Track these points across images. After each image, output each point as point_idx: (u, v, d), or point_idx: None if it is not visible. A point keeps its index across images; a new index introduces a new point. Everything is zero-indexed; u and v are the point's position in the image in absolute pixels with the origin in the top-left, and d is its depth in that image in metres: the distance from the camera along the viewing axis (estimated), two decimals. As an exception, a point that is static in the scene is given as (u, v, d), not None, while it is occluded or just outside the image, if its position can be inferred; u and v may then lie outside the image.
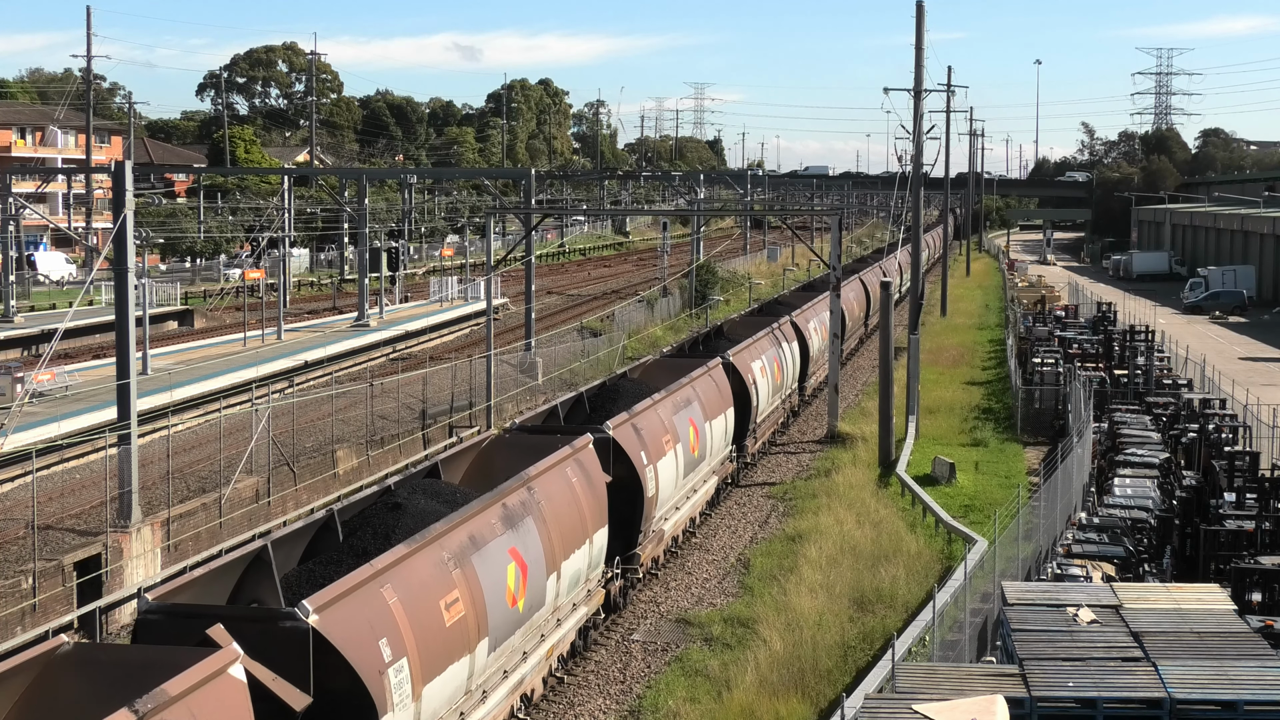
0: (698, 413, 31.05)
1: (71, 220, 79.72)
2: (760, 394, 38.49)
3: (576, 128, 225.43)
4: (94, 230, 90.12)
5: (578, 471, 22.91)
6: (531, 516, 20.46)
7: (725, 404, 34.04)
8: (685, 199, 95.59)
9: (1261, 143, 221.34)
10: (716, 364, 34.95)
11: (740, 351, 37.75)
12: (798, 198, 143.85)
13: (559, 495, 21.83)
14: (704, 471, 31.83)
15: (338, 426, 37.75)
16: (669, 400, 29.37)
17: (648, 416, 27.35)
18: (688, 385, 31.35)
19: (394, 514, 19.03)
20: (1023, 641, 17.63)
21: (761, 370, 39.16)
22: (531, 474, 21.20)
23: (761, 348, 40.38)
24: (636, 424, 26.51)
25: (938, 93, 73.69)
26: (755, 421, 38.18)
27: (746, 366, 37.51)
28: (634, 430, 26.20)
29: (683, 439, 29.22)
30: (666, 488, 27.58)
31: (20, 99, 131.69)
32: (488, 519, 19.24)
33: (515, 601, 19.42)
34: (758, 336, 41.11)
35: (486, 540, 18.80)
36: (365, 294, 63.47)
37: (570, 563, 21.82)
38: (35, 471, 27.14)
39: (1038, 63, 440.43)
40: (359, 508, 19.46)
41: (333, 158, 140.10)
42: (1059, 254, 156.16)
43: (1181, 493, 29.17)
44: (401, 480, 21.11)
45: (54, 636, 15.28)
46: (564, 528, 21.54)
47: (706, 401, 32.13)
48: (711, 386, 33.35)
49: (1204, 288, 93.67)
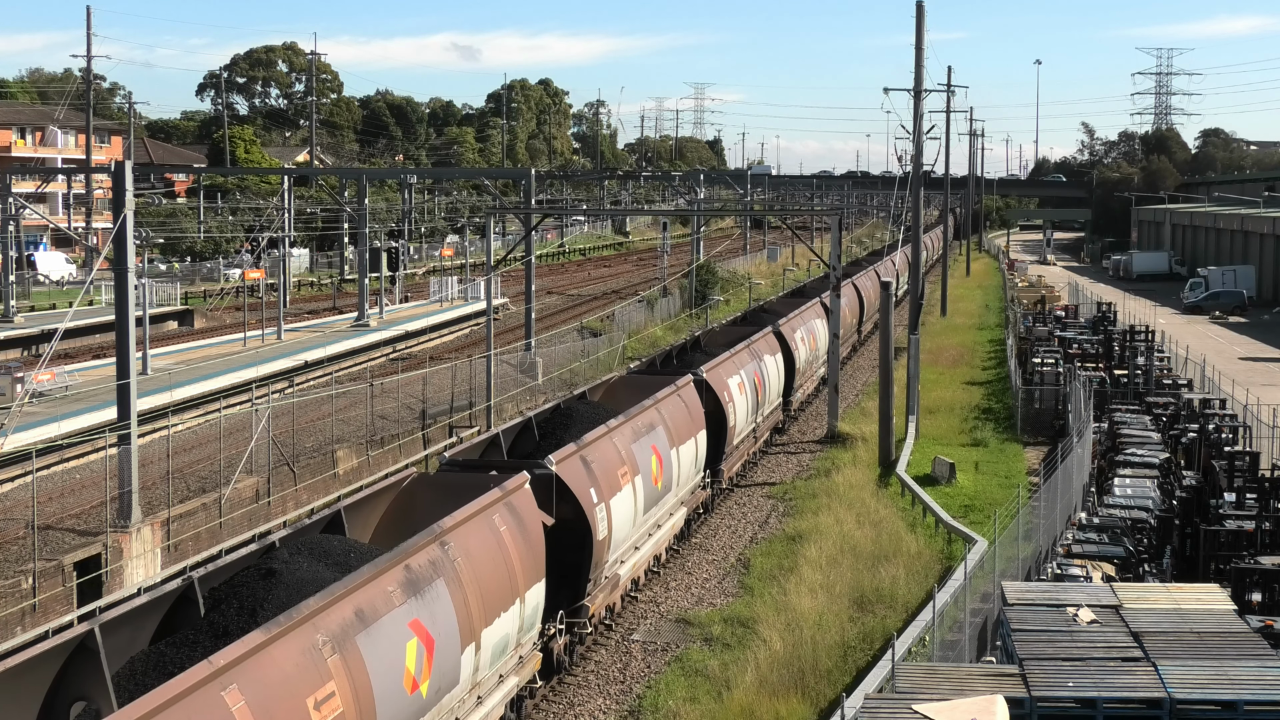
0: (662, 439, 28.18)
1: (71, 220, 79.74)
2: (737, 413, 35.60)
3: (576, 128, 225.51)
4: (94, 230, 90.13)
5: (509, 517, 19.75)
6: (443, 579, 17.19)
7: (696, 426, 31.10)
8: (685, 199, 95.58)
9: (1261, 143, 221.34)
10: (687, 382, 32.04)
11: (716, 367, 34.93)
12: (798, 198, 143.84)
13: (482, 549, 18.64)
14: (670, 504, 28.85)
15: (338, 426, 37.75)
16: (628, 426, 26.45)
17: (601, 447, 24.45)
18: (652, 408, 28.37)
19: (266, 583, 15.82)
20: (1023, 641, 17.63)
21: (740, 387, 36.30)
22: (446, 526, 17.87)
23: (740, 361, 37.67)
24: (587, 456, 23.60)
25: (938, 93, 73.83)
26: (731, 444, 35.15)
27: (722, 383, 34.66)
28: (583, 464, 23.31)
29: (643, 470, 26.29)
30: (622, 527, 24.59)
31: (20, 99, 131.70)
32: (382, 587, 15.88)
33: (417, 686, 16.14)
34: (736, 349, 38.23)
35: (379, 614, 15.50)
36: (365, 294, 63.47)
37: (494, 629, 18.60)
38: (35, 471, 27.14)
39: (1038, 63, 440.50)
40: (230, 572, 16.25)
41: (333, 158, 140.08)
42: (1059, 254, 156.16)
43: (1181, 493, 29.16)
44: (290, 535, 17.74)
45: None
46: (487, 588, 18.37)
47: (674, 425, 29.32)
48: (680, 408, 30.40)
49: (1204, 288, 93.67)
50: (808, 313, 50.87)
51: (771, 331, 43.63)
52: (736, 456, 36.63)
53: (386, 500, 20.35)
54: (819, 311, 52.25)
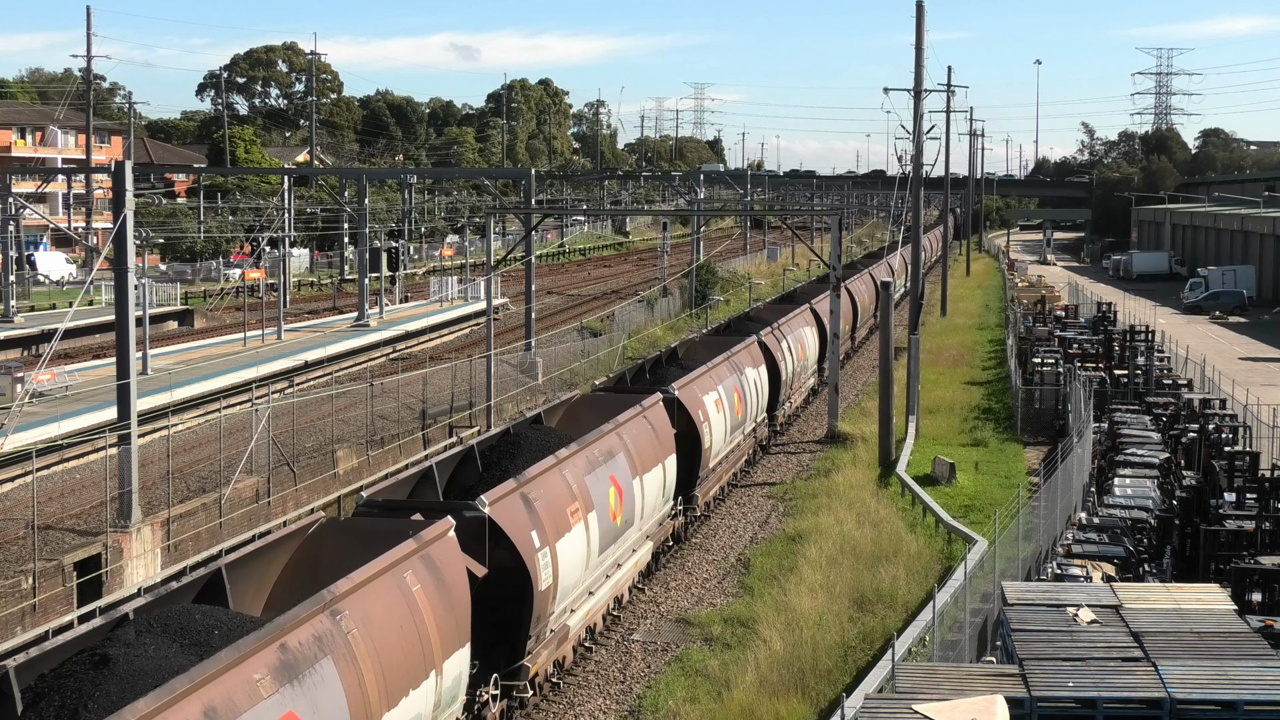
0: (623, 467, 25.37)
1: (71, 220, 79.71)
2: (713, 434, 32.67)
3: (576, 128, 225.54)
4: (94, 230, 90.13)
5: (425, 573, 16.74)
6: (331, 656, 14.17)
7: (664, 451, 28.12)
8: (685, 199, 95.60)
9: (1261, 143, 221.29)
10: (655, 401, 28.88)
11: (690, 383, 31.97)
12: (797, 198, 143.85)
13: (387, 615, 15.60)
14: (632, 539, 25.90)
15: (338, 426, 37.75)
16: (582, 455, 23.63)
17: (547, 481, 21.67)
18: (612, 433, 25.50)
19: (97, 674, 12.90)
20: (1023, 641, 17.63)
21: (716, 404, 33.35)
22: (339, 591, 14.88)
23: (718, 376, 34.78)
24: (529, 493, 20.76)
25: (938, 93, 73.80)
26: (706, 468, 32.23)
27: (696, 401, 31.67)
28: (523, 502, 20.44)
29: (599, 505, 23.44)
30: (571, 572, 21.72)
31: (20, 99, 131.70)
32: (245, 675, 12.83)
33: None
34: (714, 363, 35.32)
35: (239, 710, 12.52)
36: (365, 294, 63.48)
37: (401, 711, 15.52)
38: (35, 471, 27.15)
39: (1038, 63, 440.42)
40: (60, 657, 13.22)
41: (333, 158, 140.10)
42: (1059, 254, 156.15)
43: (1181, 493, 29.16)
44: (147, 605, 14.42)
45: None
46: (391, 661, 15.32)
47: (638, 450, 26.44)
48: (646, 431, 27.38)
49: (1204, 288, 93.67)
50: (795, 320, 47.91)
51: (755, 342, 40.73)
52: (713, 480, 33.68)
53: (287, 551, 17.20)
54: (808, 319, 50.17)
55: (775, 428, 43.55)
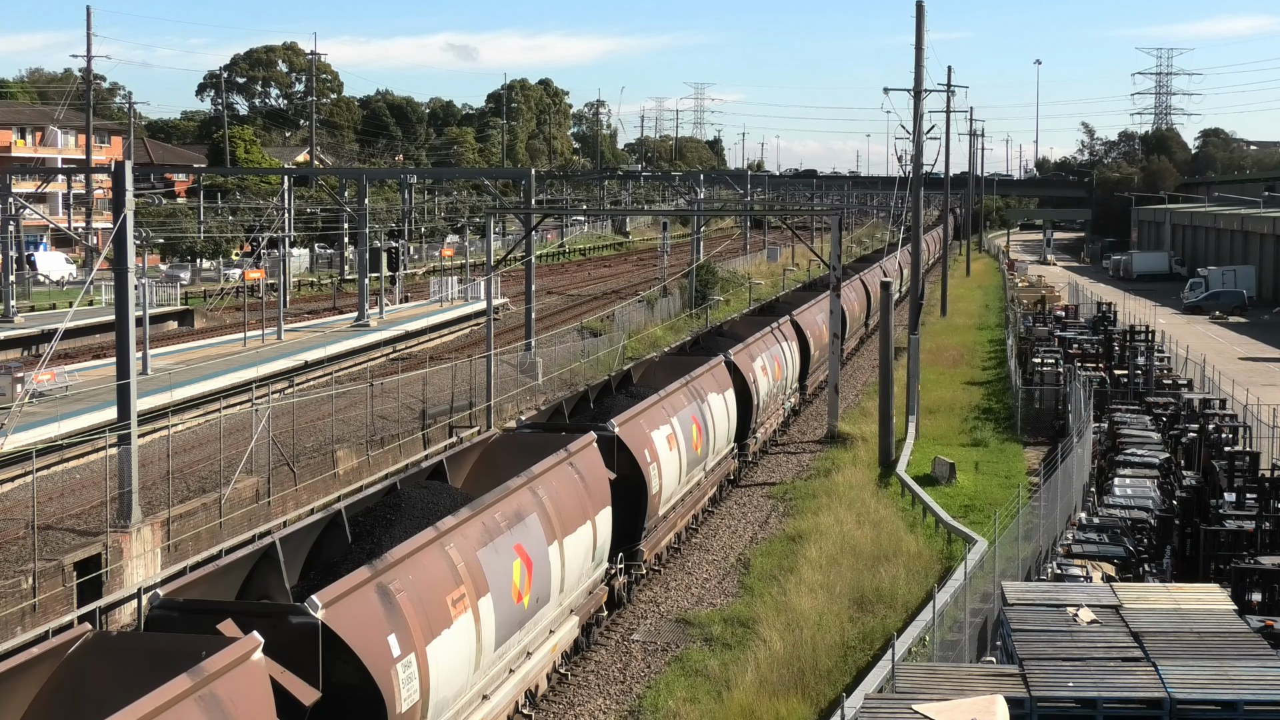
0: (536, 532, 20.62)
1: (71, 220, 79.74)
2: (664, 476, 27.83)
3: (576, 128, 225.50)
4: (94, 230, 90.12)
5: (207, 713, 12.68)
6: None
7: (596, 503, 23.42)
8: (685, 199, 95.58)
9: (1261, 143, 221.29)
10: (586, 443, 24.19)
11: (635, 417, 27.10)
12: (798, 198, 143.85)
13: None
14: (548, 619, 21.32)
15: (338, 426, 37.75)
16: (476, 523, 18.81)
17: (419, 565, 16.92)
18: (522, 489, 20.76)
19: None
20: (1023, 641, 17.63)
21: (669, 441, 28.66)
22: None
23: (674, 405, 30.03)
24: (390, 583, 16.06)
25: (938, 93, 73.81)
26: (654, 515, 27.33)
27: (642, 439, 26.93)
28: (379, 598, 15.82)
29: (496, 585, 18.73)
30: (452, 679, 17.25)
31: (20, 99, 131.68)
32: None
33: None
34: (668, 390, 30.37)
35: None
36: (365, 294, 63.48)
37: None
38: (35, 471, 27.14)
39: (1038, 63, 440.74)
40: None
41: (333, 158, 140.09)
42: (1059, 254, 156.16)
43: (1181, 493, 29.16)
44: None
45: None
46: None
47: (559, 507, 21.66)
48: (571, 482, 22.66)
49: (1204, 288, 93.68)
50: (773, 335, 43.44)
51: (722, 363, 36.18)
52: (665, 529, 28.77)
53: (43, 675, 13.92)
54: (787, 332, 45.62)
55: (746, 458, 38.60)
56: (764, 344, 41.41)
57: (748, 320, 48.60)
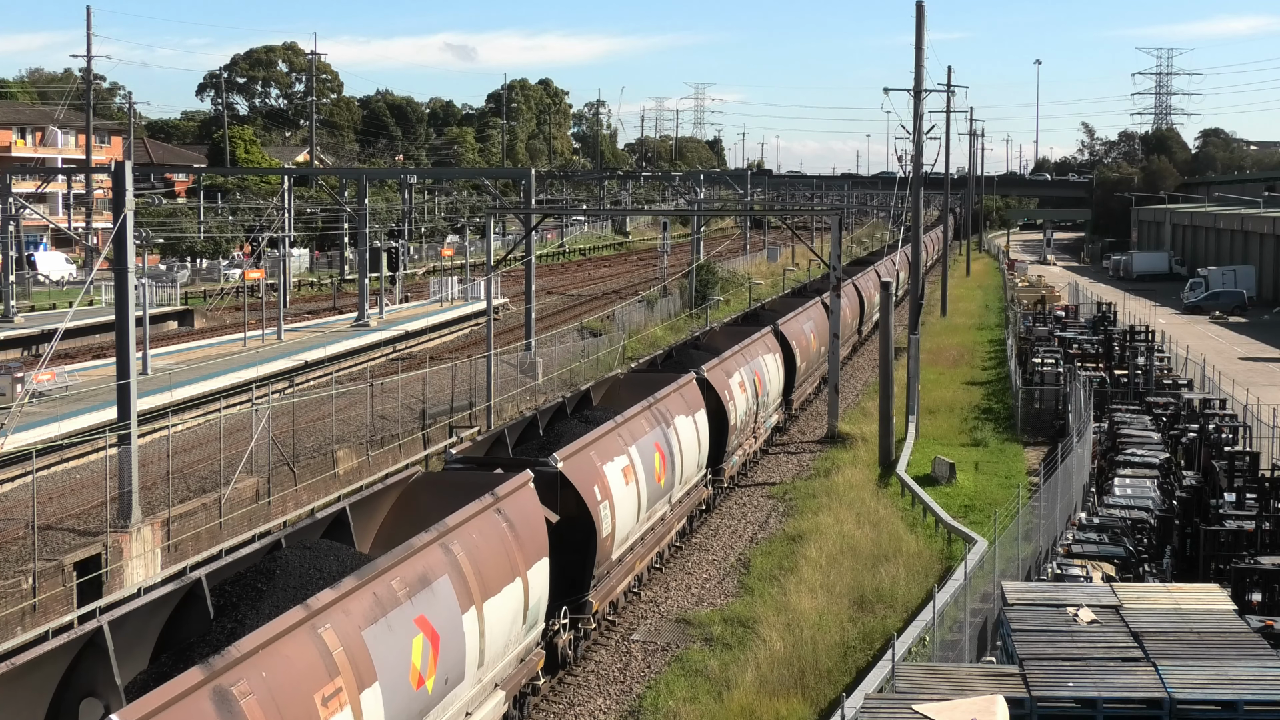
0: (445, 600, 16.94)
1: (71, 220, 79.77)
2: (619, 514, 24.49)
3: (576, 128, 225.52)
4: (94, 230, 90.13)
5: None
6: None
7: (529, 555, 19.99)
8: (685, 199, 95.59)
9: (1261, 143, 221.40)
10: (518, 485, 20.55)
11: (582, 450, 23.88)
12: (798, 198, 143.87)
13: None
14: (463, 700, 17.76)
15: (338, 426, 37.76)
16: (363, 596, 15.27)
17: (276, 658, 13.48)
18: (430, 547, 17.14)
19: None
20: (1023, 641, 17.63)
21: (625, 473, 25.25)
22: None
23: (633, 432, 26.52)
24: (231, 686, 12.66)
25: (938, 93, 73.81)
26: (607, 560, 24.13)
27: (591, 473, 23.51)
28: (215, 713, 12.33)
29: (388, 674, 15.25)
30: None
31: (20, 99, 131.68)
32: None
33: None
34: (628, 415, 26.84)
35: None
36: (365, 294, 63.49)
37: None
38: (35, 471, 27.15)
39: (1038, 63, 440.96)
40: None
41: (333, 158, 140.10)
42: (1059, 254, 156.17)
43: (1181, 493, 29.17)
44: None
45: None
46: None
47: (480, 565, 18.17)
48: (496, 533, 19.09)
49: (1204, 288, 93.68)
50: (754, 347, 40.16)
51: (693, 380, 32.84)
52: (621, 573, 25.39)
53: None
54: (770, 344, 42.70)
55: (721, 483, 35.13)
56: (743, 357, 38.32)
57: (728, 331, 44.75)
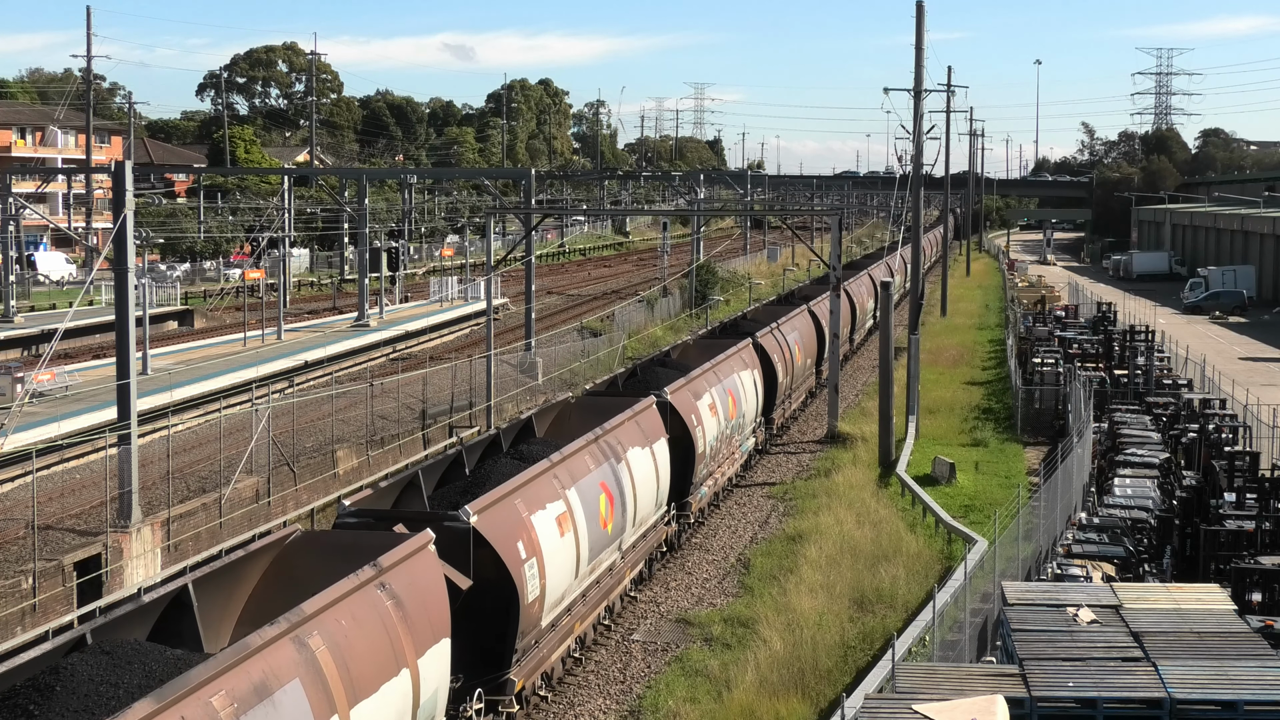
0: (291, 715, 13.23)
1: (71, 220, 79.67)
2: (550, 575, 20.56)
3: (576, 128, 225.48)
4: (94, 230, 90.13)
5: None
6: None
7: (422, 640, 16.11)
8: (685, 199, 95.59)
9: (1261, 143, 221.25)
10: (413, 549, 16.57)
11: (505, 498, 19.86)
12: (798, 198, 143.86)
13: None
14: None
15: (338, 426, 37.76)
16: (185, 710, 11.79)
17: None
18: (281, 642, 13.57)
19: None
20: (1023, 641, 17.63)
21: (561, 522, 21.41)
22: None
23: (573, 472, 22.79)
24: None
25: (938, 93, 73.88)
26: (534, 629, 20.26)
27: (515, 526, 19.71)
28: None
29: None
30: None
31: (20, 99, 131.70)
32: None
33: None
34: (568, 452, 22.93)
35: None
36: (365, 294, 63.49)
37: None
38: (35, 471, 27.15)
39: (1038, 63, 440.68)
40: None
41: (333, 158, 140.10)
42: (1059, 254, 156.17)
43: (1181, 493, 29.16)
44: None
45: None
46: None
47: (346, 660, 14.39)
48: (373, 613, 15.30)
49: (1204, 288, 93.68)
50: (729, 363, 36.15)
51: (653, 405, 28.57)
52: (554, 641, 21.46)
53: None
54: (749, 358, 38.85)
55: (688, 518, 30.90)
56: (715, 375, 34.38)
57: (703, 345, 40.50)
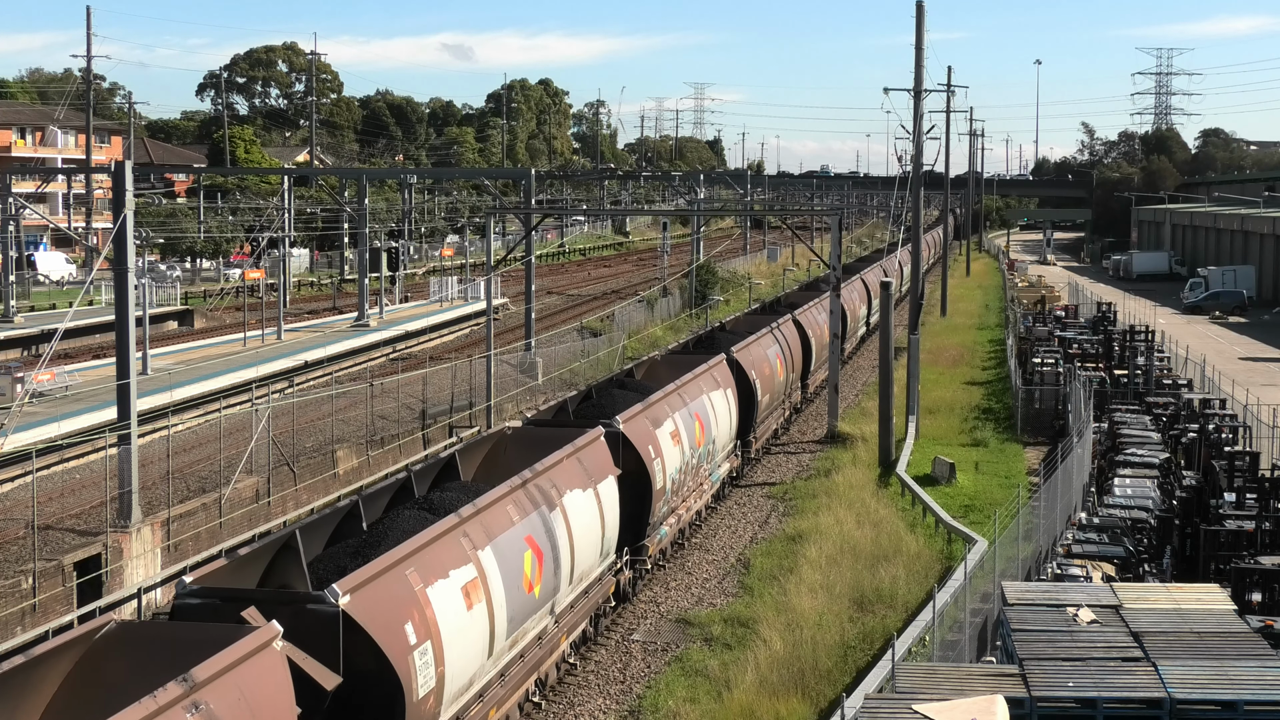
0: None
1: (71, 220, 79.69)
2: (448, 659, 16.72)
3: (576, 128, 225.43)
4: (94, 230, 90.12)
5: None
6: None
7: None
8: (685, 199, 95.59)
9: (1261, 143, 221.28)
10: (245, 651, 13.22)
11: (389, 569, 16.04)
12: (798, 198, 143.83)
13: None
14: None
15: (338, 426, 37.75)
16: None
17: None
18: None
19: None
20: (1023, 641, 17.63)
21: (465, 593, 17.64)
22: None
23: (491, 526, 19.06)
24: None
25: (938, 93, 73.86)
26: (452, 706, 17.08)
27: (401, 604, 15.92)
28: None
29: None
30: None
31: (20, 99, 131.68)
32: None
33: None
34: (483, 504, 19.19)
35: None
36: (365, 294, 63.48)
37: None
38: (35, 471, 27.15)
39: (1038, 63, 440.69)
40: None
41: (333, 158, 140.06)
42: (1059, 254, 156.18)
43: (1181, 493, 29.15)
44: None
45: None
46: None
47: None
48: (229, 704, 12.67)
49: (1204, 288, 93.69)
50: (698, 382, 31.92)
51: (601, 437, 24.66)
52: (490, 704, 18.62)
53: None
54: (722, 376, 34.63)
55: (644, 564, 26.89)
56: (680, 398, 30.06)
57: (672, 361, 36.20)
